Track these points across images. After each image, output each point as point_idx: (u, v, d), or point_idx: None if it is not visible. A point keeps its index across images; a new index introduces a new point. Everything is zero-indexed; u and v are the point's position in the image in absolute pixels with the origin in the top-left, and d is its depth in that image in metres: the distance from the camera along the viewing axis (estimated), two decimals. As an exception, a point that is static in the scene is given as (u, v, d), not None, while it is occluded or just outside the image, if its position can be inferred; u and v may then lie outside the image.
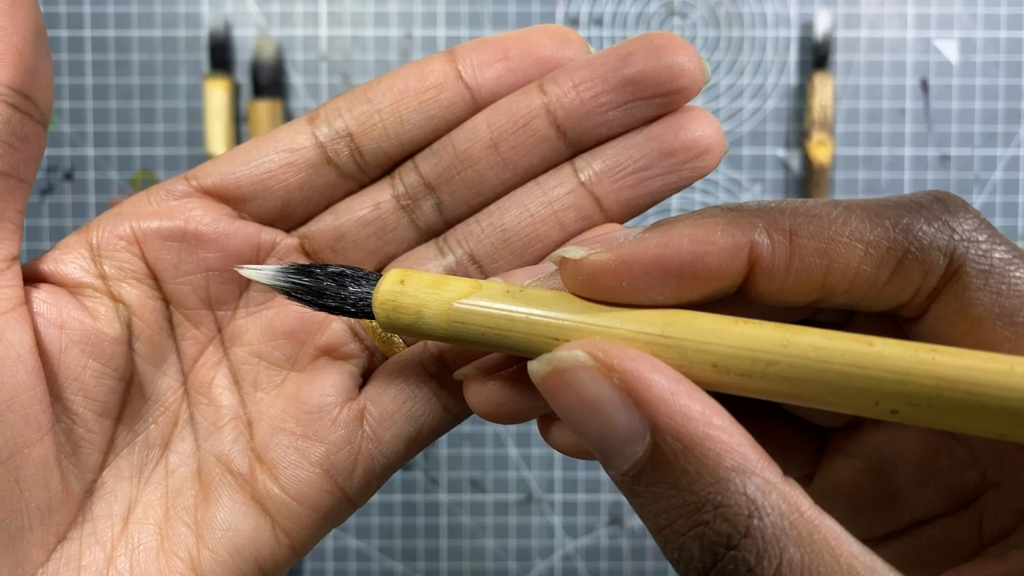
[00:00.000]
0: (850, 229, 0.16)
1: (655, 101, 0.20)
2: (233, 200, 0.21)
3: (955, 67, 0.47)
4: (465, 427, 0.48)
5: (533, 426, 0.48)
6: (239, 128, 0.46)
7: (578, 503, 0.48)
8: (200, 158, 0.46)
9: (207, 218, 0.21)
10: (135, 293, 0.20)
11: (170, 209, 0.21)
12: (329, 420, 0.21)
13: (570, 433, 0.17)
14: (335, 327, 0.22)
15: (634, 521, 0.48)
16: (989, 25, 0.47)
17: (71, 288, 0.20)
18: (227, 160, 0.21)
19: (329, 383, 0.21)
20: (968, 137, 0.47)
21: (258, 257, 0.21)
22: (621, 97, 0.20)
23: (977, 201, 0.47)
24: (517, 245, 0.21)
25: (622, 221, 0.21)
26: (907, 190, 0.47)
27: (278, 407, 0.21)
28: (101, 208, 0.47)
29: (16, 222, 0.19)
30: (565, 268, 0.17)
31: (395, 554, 0.48)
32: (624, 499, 0.48)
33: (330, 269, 0.19)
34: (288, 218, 0.22)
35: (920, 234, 0.15)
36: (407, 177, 0.21)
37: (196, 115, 0.46)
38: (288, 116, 0.47)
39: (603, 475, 0.48)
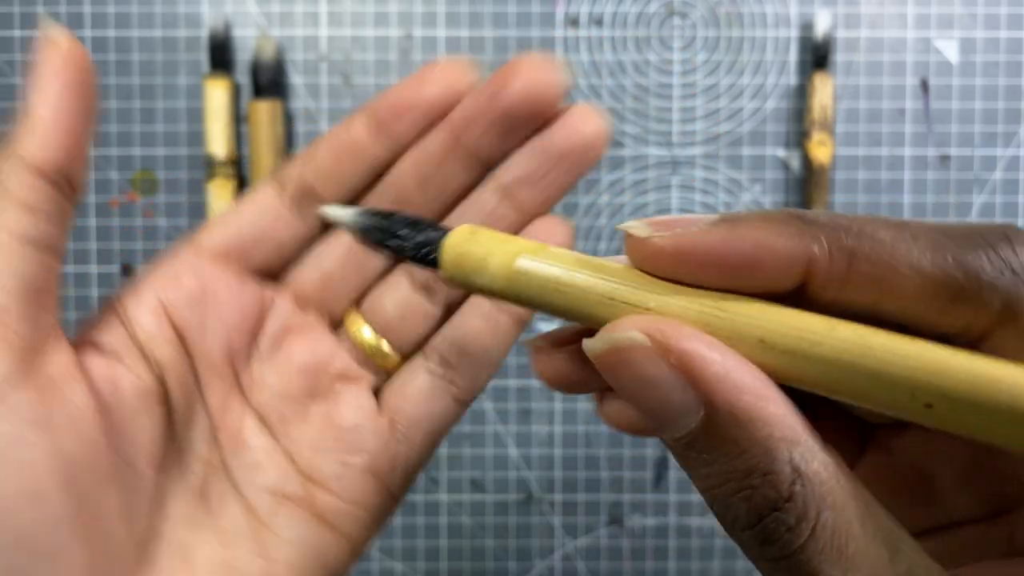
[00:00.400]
0: (911, 259, 0.15)
1: (534, 120, 0.23)
2: (236, 259, 0.23)
3: (955, 67, 0.47)
4: (465, 427, 0.48)
5: (533, 426, 0.48)
6: (239, 128, 0.46)
7: (578, 503, 0.48)
8: (200, 158, 0.46)
9: (221, 281, 0.23)
10: (166, 353, 0.22)
11: (185, 275, 0.23)
12: (367, 433, 0.24)
13: (624, 410, 0.18)
14: (345, 359, 0.24)
15: (634, 521, 0.48)
16: (989, 25, 0.47)
17: (107, 352, 0.22)
18: (226, 223, 0.24)
19: (355, 403, 0.24)
20: (968, 137, 0.47)
21: (262, 313, 0.24)
22: (505, 125, 0.23)
23: (977, 201, 0.47)
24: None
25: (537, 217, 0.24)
26: (907, 190, 0.47)
27: (312, 434, 0.24)
28: (101, 207, 0.47)
29: (55, 293, 0.21)
30: (629, 242, 0.17)
31: (395, 554, 0.48)
32: (624, 499, 0.48)
33: (406, 214, 0.20)
34: (281, 267, 0.24)
35: (979, 271, 0.15)
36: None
37: (196, 115, 0.46)
38: (288, 116, 0.47)
39: (603, 475, 0.48)
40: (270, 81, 0.45)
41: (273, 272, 0.24)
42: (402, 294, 0.24)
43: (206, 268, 0.23)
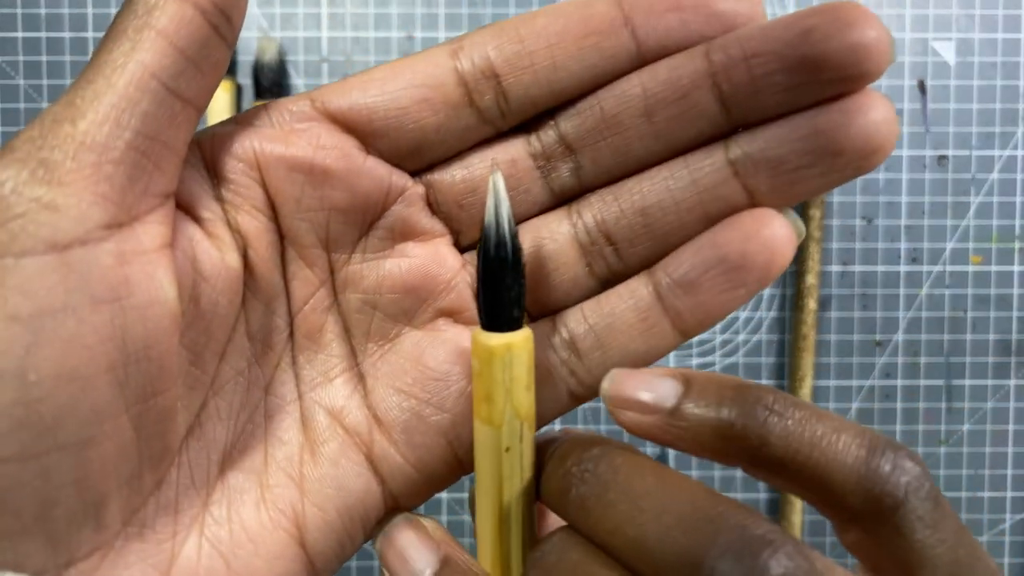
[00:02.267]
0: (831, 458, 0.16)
1: (833, 85, 0.17)
2: (362, 132, 0.19)
3: (952, 68, 0.47)
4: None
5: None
6: (241, 129, 0.47)
7: (578, 501, 0.48)
8: (202, 159, 0.47)
9: (337, 152, 0.19)
10: (252, 224, 0.19)
11: (296, 133, 0.19)
12: (456, 390, 0.20)
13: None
14: (461, 289, 0.20)
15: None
16: (986, 26, 0.47)
17: (189, 210, 0.18)
18: (358, 86, 0.19)
19: (454, 350, 0.20)
20: (965, 138, 0.47)
21: (385, 201, 0.19)
22: (796, 78, 0.17)
23: (974, 202, 0.47)
24: (658, 232, 0.19)
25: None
26: (904, 190, 0.47)
27: (395, 364, 0.20)
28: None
29: (182, 155, 0.17)
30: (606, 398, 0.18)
31: (396, 552, 0.48)
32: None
33: (519, 269, 0.19)
34: (416, 160, 0.20)
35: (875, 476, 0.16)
36: (546, 135, 0.20)
37: (198, 116, 0.46)
38: (290, 117, 0.47)
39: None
40: (272, 82, 0.46)
41: (412, 160, 0.20)
42: (557, 247, 0.20)
43: (322, 132, 0.19)
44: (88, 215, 0.15)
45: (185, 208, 0.18)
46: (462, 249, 0.21)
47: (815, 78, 0.17)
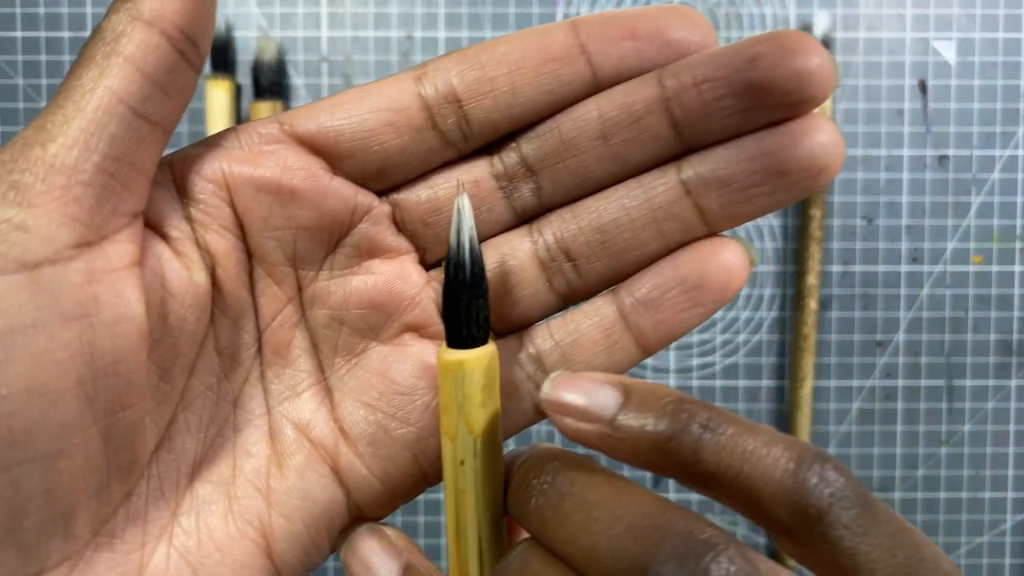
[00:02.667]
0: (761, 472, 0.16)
1: (779, 110, 0.18)
2: (329, 154, 0.20)
3: (953, 68, 0.47)
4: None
5: (532, 426, 0.48)
6: (240, 129, 0.46)
7: (578, 502, 0.48)
8: (202, 159, 0.47)
9: (304, 172, 0.19)
10: (221, 242, 0.19)
11: (263, 155, 0.19)
12: (421, 404, 0.20)
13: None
14: (426, 304, 0.21)
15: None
16: (987, 26, 0.47)
17: (158, 230, 0.19)
18: (325, 110, 0.19)
19: (420, 364, 0.20)
20: (966, 138, 0.47)
21: (351, 220, 0.20)
22: (743, 103, 0.18)
23: (975, 202, 0.47)
24: (614, 249, 0.20)
25: (721, 231, 0.20)
26: (905, 190, 0.47)
27: (362, 379, 0.21)
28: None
29: (150, 175, 0.18)
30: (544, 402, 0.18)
31: (396, 552, 0.48)
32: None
33: (483, 294, 0.19)
34: (382, 180, 0.20)
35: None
36: (508, 156, 0.20)
37: (198, 116, 0.46)
38: (289, 117, 0.47)
39: (603, 474, 0.48)
40: (271, 82, 0.46)
41: (378, 180, 0.20)
42: (518, 264, 0.21)
43: (289, 153, 0.19)
44: (57, 235, 0.16)
45: (155, 227, 0.19)
46: (428, 266, 0.21)
47: (762, 103, 0.18)
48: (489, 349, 0.19)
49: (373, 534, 0.20)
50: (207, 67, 0.46)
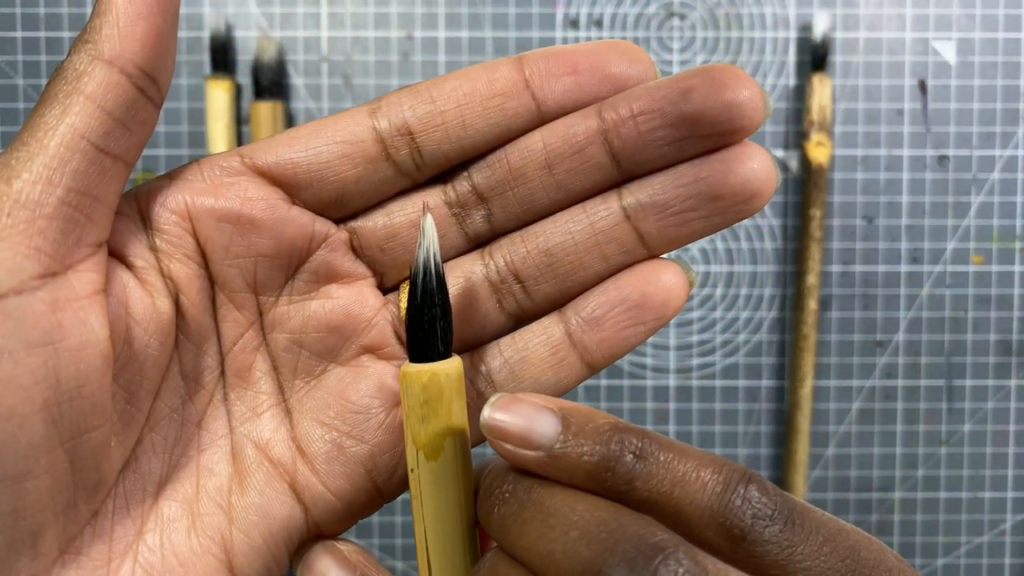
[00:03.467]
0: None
1: (711, 139, 0.19)
2: (287, 185, 0.21)
3: (953, 68, 0.47)
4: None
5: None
6: (240, 129, 0.46)
7: (578, 502, 0.48)
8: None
9: (263, 203, 0.20)
10: (184, 271, 0.20)
11: (224, 187, 0.20)
12: (375, 423, 0.21)
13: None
14: (382, 327, 0.22)
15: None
16: (987, 26, 0.47)
17: (123, 259, 0.20)
18: (284, 143, 0.20)
19: (375, 385, 0.21)
20: (966, 138, 0.47)
21: (309, 247, 0.21)
22: (678, 133, 0.19)
23: (975, 202, 0.47)
24: (561, 271, 0.21)
25: (662, 254, 0.21)
26: (905, 190, 0.47)
27: (320, 399, 0.22)
28: (103, 208, 0.47)
29: (113, 206, 0.19)
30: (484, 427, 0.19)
31: (396, 552, 0.48)
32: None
33: (443, 310, 0.20)
34: (339, 209, 0.21)
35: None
36: (460, 185, 0.21)
37: (198, 116, 0.46)
38: (289, 117, 0.47)
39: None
40: (271, 82, 0.46)
41: (336, 208, 0.21)
42: (471, 287, 0.22)
43: (249, 185, 0.20)
44: (23, 267, 0.17)
45: (120, 257, 0.19)
46: (386, 290, 0.22)
47: (695, 133, 0.19)
48: (422, 368, 0.20)
49: (327, 551, 0.21)
50: (207, 67, 0.46)
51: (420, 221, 0.20)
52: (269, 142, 0.21)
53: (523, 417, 0.18)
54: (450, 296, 0.20)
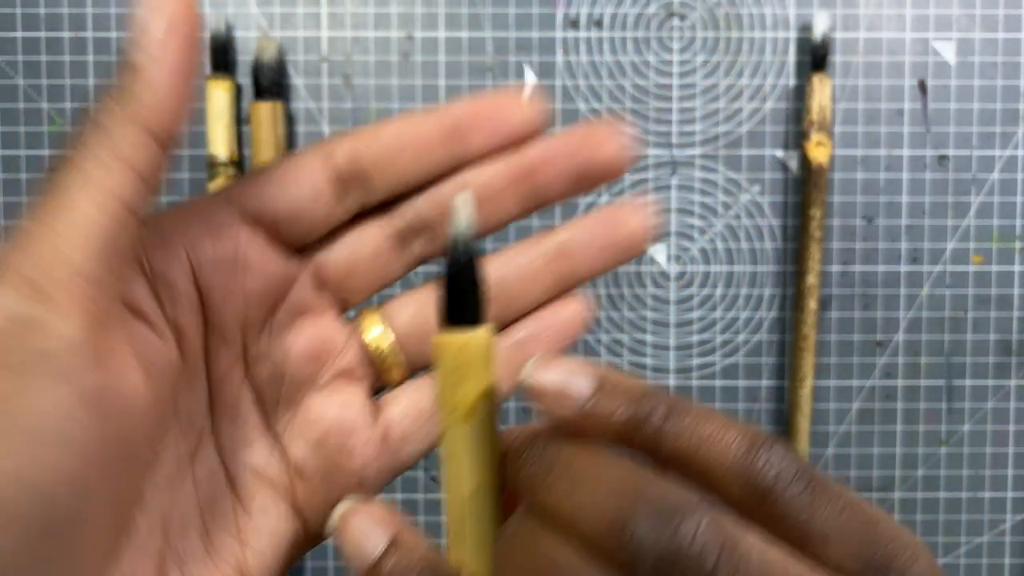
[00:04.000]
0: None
1: (593, 182, 0.23)
2: (268, 226, 0.22)
3: (953, 68, 0.47)
4: (465, 426, 0.48)
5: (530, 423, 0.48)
6: (240, 129, 0.46)
7: (578, 502, 0.48)
8: (202, 159, 0.46)
9: (255, 247, 0.22)
10: (185, 318, 0.21)
11: (220, 233, 0.22)
12: (362, 439, 0.23)
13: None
14: (352, 352, 0.24)
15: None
16: (987, 26, 0.47)
17: (133, 309, 0.20)
18: (264, 184, 0.22)
19: (357, 405, 0.24)
20: (966, 138, 0.47)
21: (288, 284, 0.23)
22: (576, 182, 0.23)
23: (975, 202, 0.47)
24: (504, 298, 0.24)
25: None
26: (905, 190, 0.47)
27: (306, 423, 0.23)
28: (103, 209, 0.47)
29: (130, 260, 0.20)
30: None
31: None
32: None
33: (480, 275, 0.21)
34: (305, 246, 0.23)
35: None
36: (406, 213, 0.24)
37: (198, 116, 0.46)
38: (290, 117, 0.47)
39: (603, 474, 0.48)
40: (271, 82, 0.46)
41: (303, 246, 0.23)
42: (430, 309, 0.24)
43: (242, 231, 0.22)
44: (71, 328, 0.17)
45: (129, 307, 0.20)
46: (349, 318, 0.24)
47: (587, 183, 0.23)
48: (479, 332, 0.20)
49: (359, 509, 0.22)
50: (207, 67, 0.46)
51: (455, 198, 0.21)
52: (251, 184, 0.22)
53: (560, 375, 0.19)
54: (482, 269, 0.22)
